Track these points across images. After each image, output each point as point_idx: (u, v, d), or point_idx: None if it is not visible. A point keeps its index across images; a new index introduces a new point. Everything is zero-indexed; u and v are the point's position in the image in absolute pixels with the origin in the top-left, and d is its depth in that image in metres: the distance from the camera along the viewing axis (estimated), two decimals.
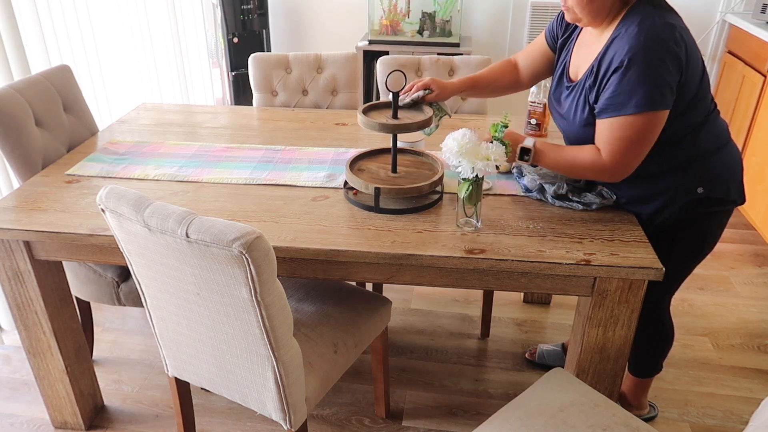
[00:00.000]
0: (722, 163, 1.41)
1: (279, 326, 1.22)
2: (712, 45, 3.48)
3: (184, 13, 3.28)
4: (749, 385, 2.02)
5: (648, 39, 1.23)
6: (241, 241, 1.07)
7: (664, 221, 1.45)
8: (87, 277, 1.82)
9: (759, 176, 2.78)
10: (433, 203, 1.55)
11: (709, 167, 1.40)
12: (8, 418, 1.90)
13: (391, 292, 2.49)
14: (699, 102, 1.35)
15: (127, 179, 1.72)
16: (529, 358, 2.12)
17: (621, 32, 1.29)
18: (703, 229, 1.47)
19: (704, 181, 1.40)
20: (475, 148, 1.32)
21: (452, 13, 3.41)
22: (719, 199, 1.42)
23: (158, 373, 2.08)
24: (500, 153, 1.32)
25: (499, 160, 1.32)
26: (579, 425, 1.24)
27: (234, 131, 2.09)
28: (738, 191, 1.44)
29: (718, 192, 1.41)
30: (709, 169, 1.40)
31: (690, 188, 1.40)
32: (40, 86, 1.89)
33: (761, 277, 2.62)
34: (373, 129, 1.51)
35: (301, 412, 1.38)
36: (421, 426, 1.86)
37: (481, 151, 1.31)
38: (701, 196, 1.40)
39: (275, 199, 1.60)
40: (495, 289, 1.42)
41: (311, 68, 2.37)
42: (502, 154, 1.33)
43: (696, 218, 1.44)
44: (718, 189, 1.41)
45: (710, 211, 1.43)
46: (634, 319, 1.39)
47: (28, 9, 2.16)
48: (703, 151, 1.39)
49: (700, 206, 1.42)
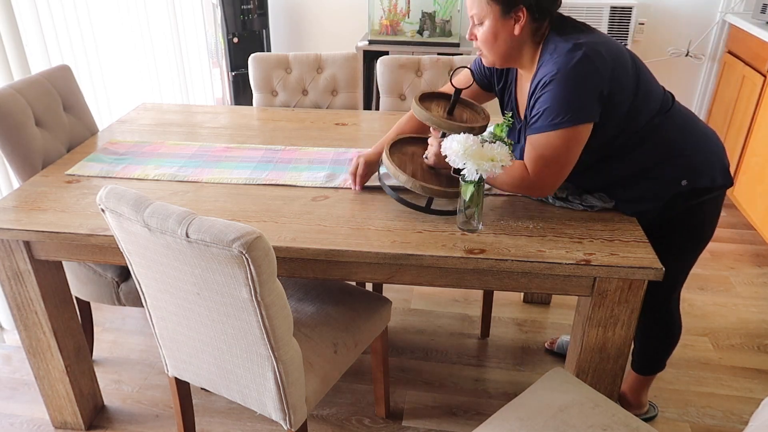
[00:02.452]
0: (700, 152, 1.43)
1: (279, 326, 1.22)
2: (712, 45, 3.48)
3: (184, 13, 3.28)
4: (749, 385, 2.02)
5: (560, 63, 1.29)
6: (241, 241, 1.07)
7: (658, 217, 1.46)
8: (87, 277, 1.82)
9: (759, 176, 2.78)
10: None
11: (686, 159, 1.42)
12: (8, 418, 1.90)
13: (391, 292, 2.49)
14: (642, 105, 1.37)
15: (127, 179, 1.72)
16: (549, 348, 2.15)
17: (540, 64, 1.35)
18: (698, 218, 1.48)
19: (685, 174, 1.41)
20: (480, 150, 1.31)
21: (452, 13, 3.41)
22: (705, 188, 1.43)
23: (158, 373, 2.08)
24: (504, 153, 1.32)
25: (504, 160, 1.32)
26: (579, 425, 1.24)
27: (234, 131, 2.09)
28: (724, 175, 1.45)
29: (702, 181, 1.42)
30: (686, 160, 1.42)
31: (672, 183, 1.42)
32: (40, 86, 1.89)
33: (761, 277, 2.62)
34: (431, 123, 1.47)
35: (301, 412, 1.38)
36: (421, 426, 1.86)
37: (486, 152, 1.31)
38: (686, 188, 1.42)
39: (275, 199, 1.60)
40: (495, 289, 1.42)
41: (311, 68, 2.37)
42: (507, 155, 1.33)
43: (688, 210, 1.46)
44: (701, 178, 1.42)
45: (700, 200, 1.45)
46: (633, 319, 1.39)
47: (28, 9, 2.16)
48: (673, 144, 1.41)
49: (689, 198, 1.43)
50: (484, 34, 1.38)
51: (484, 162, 1.31)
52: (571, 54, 1.28)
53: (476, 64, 1.62)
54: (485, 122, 1.52)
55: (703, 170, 1.42)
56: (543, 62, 1.34)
